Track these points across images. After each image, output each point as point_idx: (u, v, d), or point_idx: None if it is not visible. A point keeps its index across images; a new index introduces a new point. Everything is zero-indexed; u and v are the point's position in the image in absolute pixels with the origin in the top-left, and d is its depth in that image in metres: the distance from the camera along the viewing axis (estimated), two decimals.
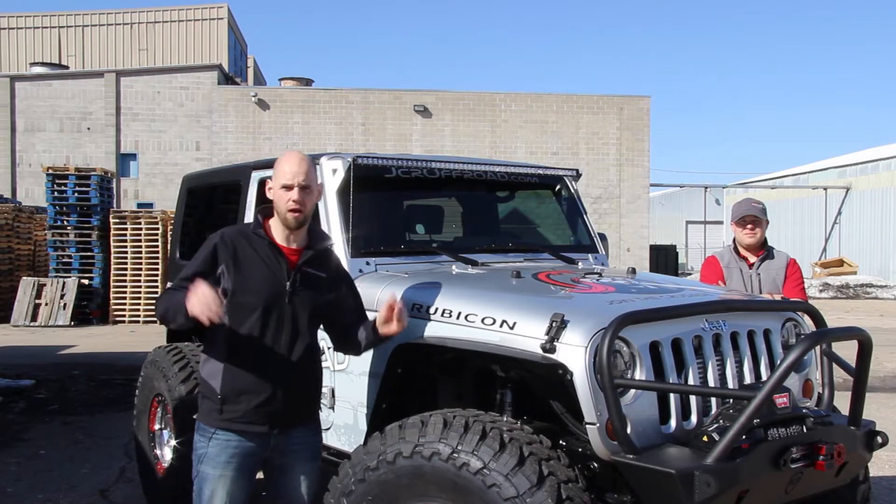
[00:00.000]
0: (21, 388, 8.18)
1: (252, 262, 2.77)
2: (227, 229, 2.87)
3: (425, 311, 3.04)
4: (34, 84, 22.71)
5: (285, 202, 2.75)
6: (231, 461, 2.80)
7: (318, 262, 2.88)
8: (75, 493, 4.98)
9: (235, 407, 2.77)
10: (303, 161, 2.80)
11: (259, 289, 2.75)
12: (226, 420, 2.78)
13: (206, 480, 2.81)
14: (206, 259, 2.77)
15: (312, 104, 22.07)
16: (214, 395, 2.79)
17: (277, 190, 2.77)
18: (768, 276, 4.49)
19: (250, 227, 2.85)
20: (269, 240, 2.81)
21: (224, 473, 2.79)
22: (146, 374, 4.56)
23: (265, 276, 2.77)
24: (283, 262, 2.80)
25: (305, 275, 2.83)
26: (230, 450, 2.79)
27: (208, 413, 2.83)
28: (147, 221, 14.61)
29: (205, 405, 2.85)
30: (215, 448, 2.80)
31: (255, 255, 2.78)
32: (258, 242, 2.81)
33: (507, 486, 2.42)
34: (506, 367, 2.92)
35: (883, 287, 23.20)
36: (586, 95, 22.73)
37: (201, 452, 2.83)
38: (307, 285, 2.83)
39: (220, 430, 2.79)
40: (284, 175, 2.76)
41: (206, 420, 2.83)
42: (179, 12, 30.94)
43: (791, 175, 33.23)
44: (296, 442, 2.90)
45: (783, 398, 2.61)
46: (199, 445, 2.85)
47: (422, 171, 3.98)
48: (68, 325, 13.85)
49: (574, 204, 4.52)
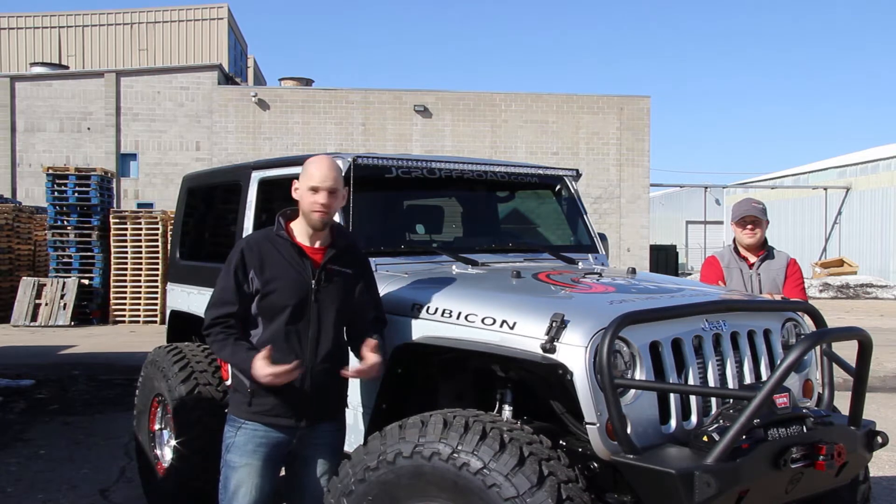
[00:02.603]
0: (21, 388, 8.19)
1: (278, 264, 2.89)
2: (251, 235, 3.04)
3: (425, 311, 3.04)
4: (34, 84, 22.71)
5: (311, 203, 2.86)
6: (258, 450, 2.91)
7: (343, 259, 2.98)
8: (75, 493, 4.99)
9: (264, 400, 2.88)
10: (332, 166, 2.92)
11: (285, 289, 2.87)
12: (255, 413, 2.90)
13: (233, 469, 2.92)
14: (237, 268, 2.89)
15: (312, 104, 22.07)
16: (244, 388, 2.90)
17: (305, 191, 2.88)
18: (768, 277, 4.49)
19: (273, 231, 2.95)
20: (291, 241, 2.92)
21: (250, 462, 2.90)
22: (146, 374, 4.56)
23: (291, 277, 2.88)
24: (307, 262, 2.91)
25: (330, 272, 2.94)
26: (257, 439, 2.90)
27: (238, 405, 2.95)
28: (147, 221, 14.60)
29: (235, 397, 2.98)
30: (242, 437, 2.91)
31: (280, 257, 2.90)
32: (281, 244, 2.92)
33: (507, 486, 2.42)
34: (506, 367, 2.92)
35: (883, 287, 23.20)
36: (586, 95, 22.74)
37: (229, 442, 2.95)
38: (333, 283, 2.94)
39: (249, 421, 2.91)
40: (313, 178, 2.86)
41: (236, 412, 2.96)
42: (179, 12, 30.94)
43: (791, 175, 33.22)
44: (320, 435, 3.00)
45: (783, 398, 2.61)
46: (227, 436, 2.97)
47: (422, 171, 3.97)
48: (68, 325, 13.84)
49: (574, 204, 4.52)
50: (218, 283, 2.92)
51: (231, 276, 2.88)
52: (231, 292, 2.87)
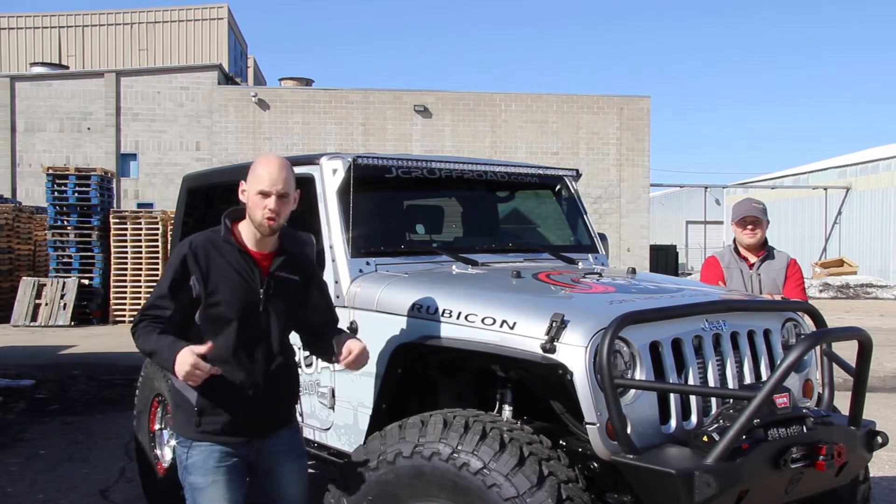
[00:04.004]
0: (21, 388, 8.19)
1: (224, 273, 2.63)
2: (195, 237, 2.71)
3: (425, 311, 3.04)
4: (34, 84, 22.70)
5: (261, 209, 2.61)
6: (220, 465, 2.68)
7: (290, 265, 2.75)
8: (75, 493, 4.99)
9: (214, 419, 2.65)
10: (283, 167, 2.65)
11: (233, 299, 2.63)
12: (203, 432, 2.66)
13: (199, 490, 2.68)
14: (177, 272, 2.62)
15: (312, 104, 22.07)
16: (190, 406, 2.66)
17: (253, 195, 2.63)
18: (768, 277, 4.49)
19: (219, 235, 2.69)
20: (239, 247, 2.67)
21: (216, 479, 2.67)
22: (146, 374, 4.56)
23: (238, 286, 2.64)
24: (255, 270, 2.67)
25: (278, 279, 2.71)
26: (216, 454, 2.67)
27: (183, 424, 2.70)
28: (147, 221, 14.60)
29: (179, 415, 2.72)
30: (200, 456, 2.67)
31: (227, 264, 2.64)
32: (228, 250, 2.66)
33: (507, 486, 2.42)
34: (506, 367, 2.92)
35: (883, 287, 23.20)
36: (586, 95, 22.74)
37: (186, 464, 2.70)
38: (280, 291, 2.72)
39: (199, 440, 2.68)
40: (262, 181, 2.61)
41: (183, 431, 2.71)
42: (179, 12, 30.93)
43: (791, 175, 33.22)
44: (277, 444, 2.80)
45: (783, 398, 2.61)
46: (181, 457, 2.72)
47: (422, 171, 3.97)
48: (68, 325, 13.84)
49: (574, 204, 4.52)
50: (156, 288, 2.66)
51: (169, 279, 2.62)
52: (166, 299, 2.60)
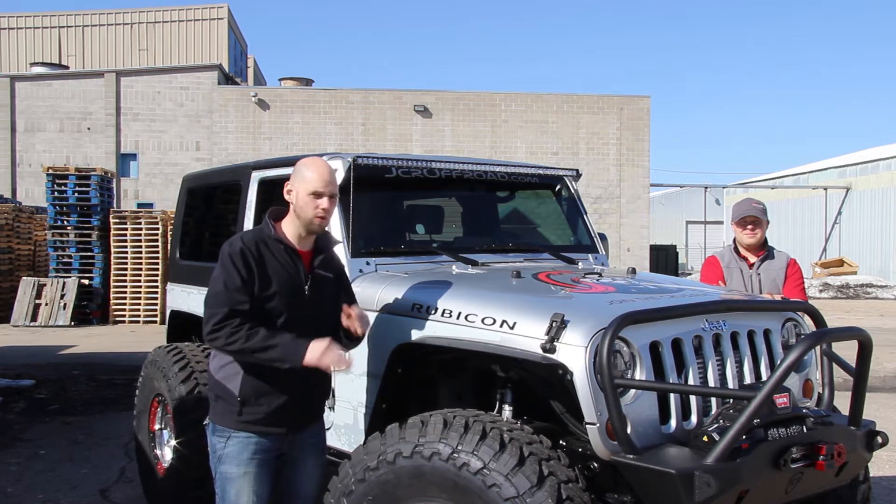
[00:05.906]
0: (21, 388, 8.19)
1: (274, 269, 2.79)
2: (244, 235, 2.85)
3: (425, 311, 3.04)
4: (34, 84, 22.70)
5: (313, 209, 2.78)
6: (254, 458, 2.82)
7: (326, 263, 2.95)
8: (75, 493, 4.99)
9: (255, 409, 2.80)
10: (331, 170, 2.85)
11: (282, 294, 2.78)
12: (244, 422, 2.81)
13: (230, 480, 2.82)
14: (241, 267, 2.71)
15: (312, 104, 22.06)
16: (232, 397, 2.80)
17: (304, 195, 2.78)
18: (768, 277, 4.49)
19: (265, 233, 2.84)
20: (286, 244, 2.83)
21: (248, 471, 2.81)
22: (146, 374, 4.56)
23: (287, 282, 2.80)
24: (300, 266, 2.85)
25: (318, 276, 2.90)
26: (252, 446, 2.82)
27: (224, 414, 2.84)
28: (147, 221, 14.61)
29: (219, 406, 2.86)
30: (236, 447, 2.81)
31: (276, 261, 2.80)
32: (277, 248, 2.82)
33: (507, 486, 2.42)
34: (506, 367, 2.92)
35: (883, 287, 23.20)
36: (586, 95, 22.73)
37: (221, 454, 2.84)
38: (320, 287, 2.90)
39: (238, 430, 2.82)
40: (314, 182, 2.78)
41: (222, 421, 2.84)
42: (179, 12, 30.92)
43: (791, 175, 33.22)
44: (308, 436, 2.97)
45: (783, 398, 2.61)
46: (217, 447, 2.85)
47: (422, 171, 3.97)
48: (68, 325, 13.85)
49: (574, 204, 4.52)
50: (215, 285, 2.71)
51: (235, 275, 2.69)
52: (240, 292, 2.68)
